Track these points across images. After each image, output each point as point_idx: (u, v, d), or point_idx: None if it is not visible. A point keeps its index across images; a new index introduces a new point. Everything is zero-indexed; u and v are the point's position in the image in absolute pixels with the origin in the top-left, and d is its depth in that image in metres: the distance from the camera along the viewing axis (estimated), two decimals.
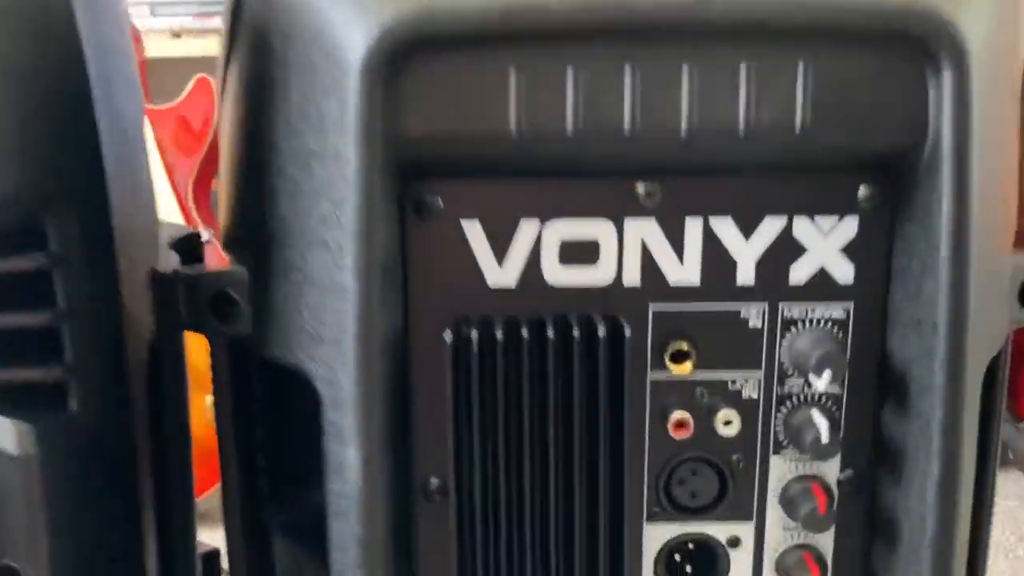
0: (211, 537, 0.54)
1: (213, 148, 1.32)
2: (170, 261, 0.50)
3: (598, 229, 0.38)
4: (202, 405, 0.53)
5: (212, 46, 1.52)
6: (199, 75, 1.39)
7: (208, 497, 0.91)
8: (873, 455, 0.41)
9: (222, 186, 0.49)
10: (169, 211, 1.44)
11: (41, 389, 0.40)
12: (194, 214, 1.38)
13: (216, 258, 0.47)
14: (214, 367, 0.48)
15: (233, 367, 0.47)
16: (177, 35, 1.52)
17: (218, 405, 0.48)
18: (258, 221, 0.41)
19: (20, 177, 0.38)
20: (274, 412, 0.46)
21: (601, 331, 0.38)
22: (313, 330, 0.38)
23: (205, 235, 0.51)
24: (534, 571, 0.41)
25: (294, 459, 0.49)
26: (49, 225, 0.40)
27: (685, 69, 0.35)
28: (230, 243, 0.46)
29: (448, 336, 0.37)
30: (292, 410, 0.45)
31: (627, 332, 0.39)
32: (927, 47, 0.35)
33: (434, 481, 0.41)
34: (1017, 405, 1.39)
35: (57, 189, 0.40)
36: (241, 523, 0.49)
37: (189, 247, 0.54)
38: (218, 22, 1.38)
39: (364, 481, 0.37)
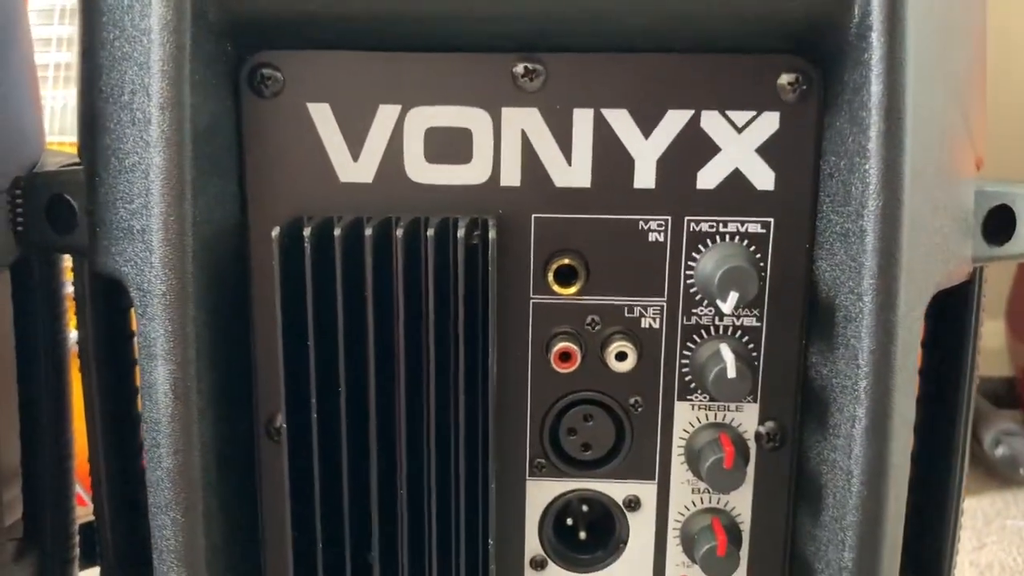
0: None
1: None
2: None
3: (470, 118, 0.32)
4: None
5: None
6: None
7: None
8: (798, 403, 0.34)
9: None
10: None
11: None
12: None
13: None
14: (76, 288, 0.42)
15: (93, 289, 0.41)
16: None
17: (81, 339, 0.42)
18: (84, 106, 0.35)
19: None
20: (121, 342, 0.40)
21: (470, 239, 0.32)
22: (126, 224, 0.32)
23: None
24: (389, 533, 0.34)
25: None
26: None
27: None
28: (79, 149, 0.41)
29: (275, 233, 0.31)
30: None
31: (494, 239, 0.32)
32: None
33: (280, 418, 0.34)
34: None
35: None
36: (108, 485, 0.43)
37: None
38: None
39: (174, 403, 0.31)
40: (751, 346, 0.33)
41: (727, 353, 0.32)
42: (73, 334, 0.43)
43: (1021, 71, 1.45)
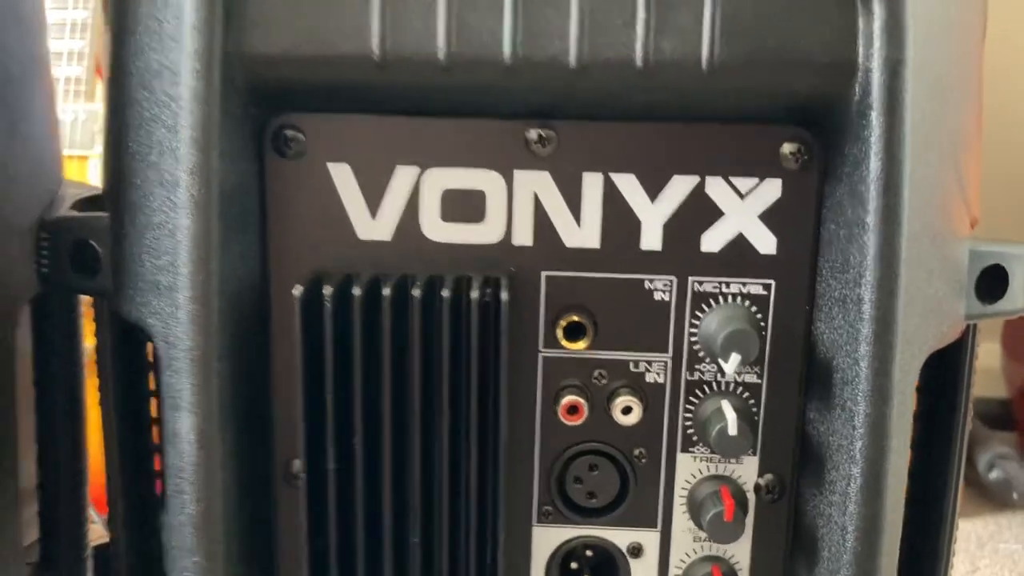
0: None
1: None
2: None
3: (484, 180, 0.34)
4: None
5: None
6: None
7: None
8: (796, 458, 0.35)
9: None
10: None
11: None
12: None
13: None
14: (97, 330, 0.43)
15: (113, 330, 0.42)
16: None
17: (99, 372, 0.44)
18: (111, 159, 0.36)
19: None
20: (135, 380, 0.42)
21: (484, 297, 0.33)
22: (153, 278, 0.33)
23: None
24: (396, 573, 0.36)
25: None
26: None
27: None
28: (104, 196, 0.42)
29: (297, 292, 0.33)
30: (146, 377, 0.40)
31: (504, 297, 0.33)
32: None
33: (297, 464, 0.36)
34: None
35: None
36: (124, 507, 0.44)
37: (94, 208, 0.50)
38: None
39: (198, 453, 0.32)
40: (751, 402, 0.35)
41: (729, 411, 0.33)
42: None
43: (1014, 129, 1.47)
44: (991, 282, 0.37)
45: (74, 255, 0.38)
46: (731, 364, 0.33)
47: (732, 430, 0.33)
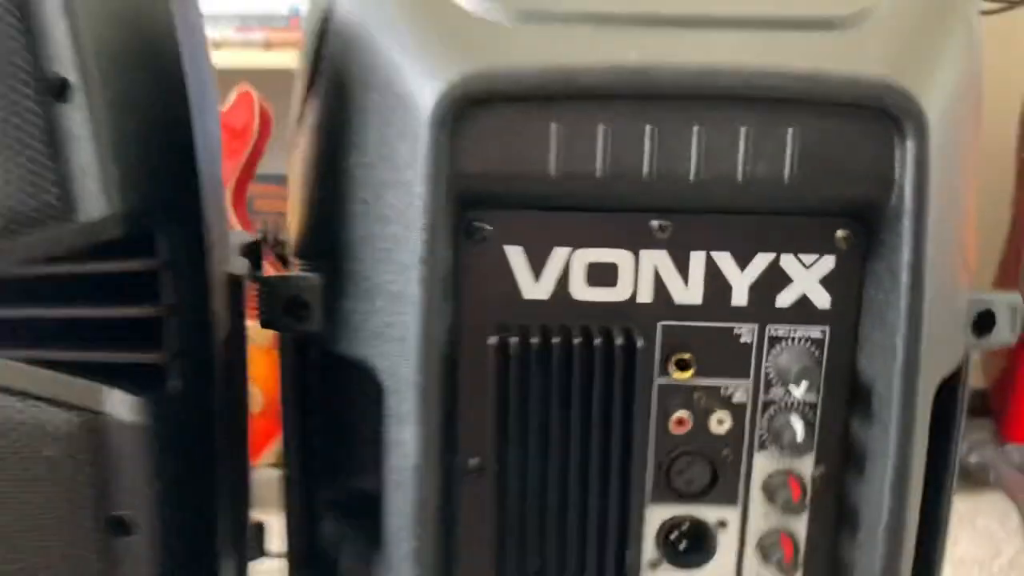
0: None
1: (252, 156, 1.40)
2: (240, 265, 0.58)
3: (618, 256, 0.46)
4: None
5: (252, 58, 1.60)
6: (241, 86, 1.47)
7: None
8: (842, 455, 0.48)
9: (294, 203, 0.57)
10: None
11: (147, 370, 0.48)
12: (231, 215, 1.46)
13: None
14: (282, 361, 0.56)
15: (297, 362, 0.55)
16: (218, 46, 1.60)
17: (284, 395, 0.56)
18: (332, 236, 0.48)
19: (138, 198, 0.46)
20: (333, 400, 0.54)
21: (618, 341, 0.46)
22: (380, 330, 0.46)
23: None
24: (557, 542, 0.48)
25: (348, 443, 0.56)
26: (158, 235, 0.47)
27: (695, 128, 0.43)
28: (303, 253, 0.54)
29: (493, 340, 0.45)
30: (351, 397, 0.53)
31: (639, 343, 0.46)
32: (894, 116, 0.43)
33: (473, 461, 0.48)
34: (1002, 430, 1.46)
35: (165, 207, 0.48)
36: (299, 500, 0.57)
37: (254, 253, 0.62)
38: (259, 35, 1.47)
39: (420, 456, 0.45)
40: (811, 416, 0.48)
41: (797, 423, 0.46)
42: None
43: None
44: (983, 322, 0.50)
45: (287, 306, 0.51)
46: (801, 389, 0.46)
47: (800, 438, 0.46)
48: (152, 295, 0.48)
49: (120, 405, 0.46)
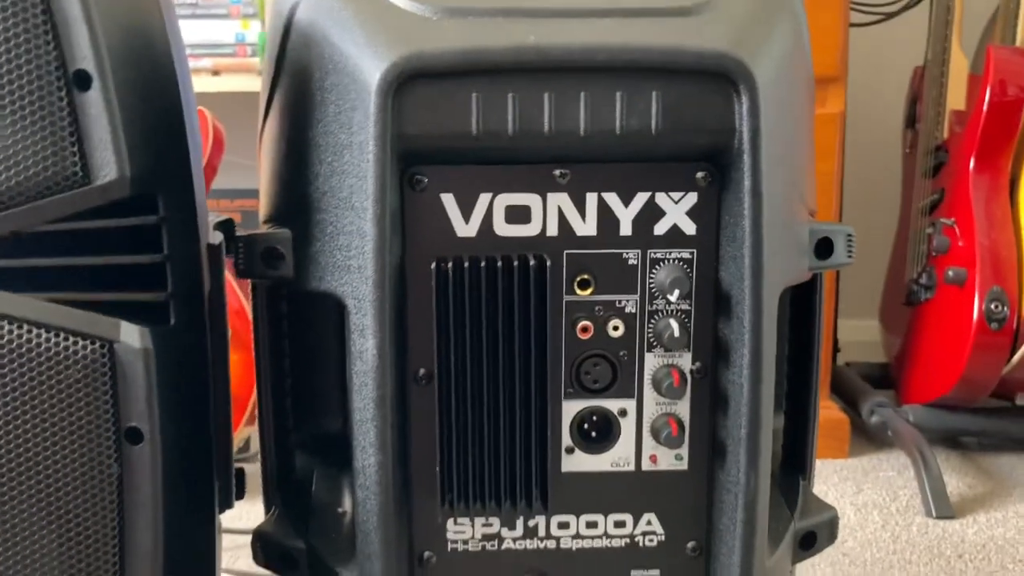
0: None
1: (207, 173, 1.50)
2: (216, 237, 0.69)
3: (530, 200, 0.59)
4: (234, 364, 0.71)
5: (201, 83, 1.71)
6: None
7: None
8: (714, 351, 0.61)
9: (264, 180, 0.68)
10: None
11: (153, 307, 0.59)
12: None
13: None
14: (255, 308, 0.67)
15: (270, 310, 0.66)
16: None
17: (257, 341, 0.67)
18: (299, 195, 0.60)
19: (145, 163, 0.57)
20: (302, 343, 0.65)
21: (533, 266, 0.58)
22: (343, 264, 0.57)
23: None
24: (490, 435, 0.60)
25: (316, 386, 0.67)
26: (159, 196, 0.59)
27: (582, 94, 0.56)
28: (270, 218, 0.66)
29: (433, 269, 0.57)
30: (318, 335, 0.64)
31: (549, 268, 0.59)
32: (732, 81, 0.56)
33: (422, 371, 0.60)
34: (899, 393, 1.62)
35: (165, 170, 0.59)
36: (273, 436, 0.68)
37: (228, 228, 0.73)
38: (207, 62, 1.60)
39: (378, 360, 0.57)
40: (686, 320, 0.60)
41: (675, 325, 0.59)
42: None
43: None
44: (823, 248, 0.64)
45: (263, 256, 0.62)
46: (674, 296, 0.58)
47: (676, 334, 0.59)
48: (151, 247, 0.59)
49: (132, 334, 0.57)
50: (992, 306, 1.36)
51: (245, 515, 1.12)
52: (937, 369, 1.48)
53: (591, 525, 0.63)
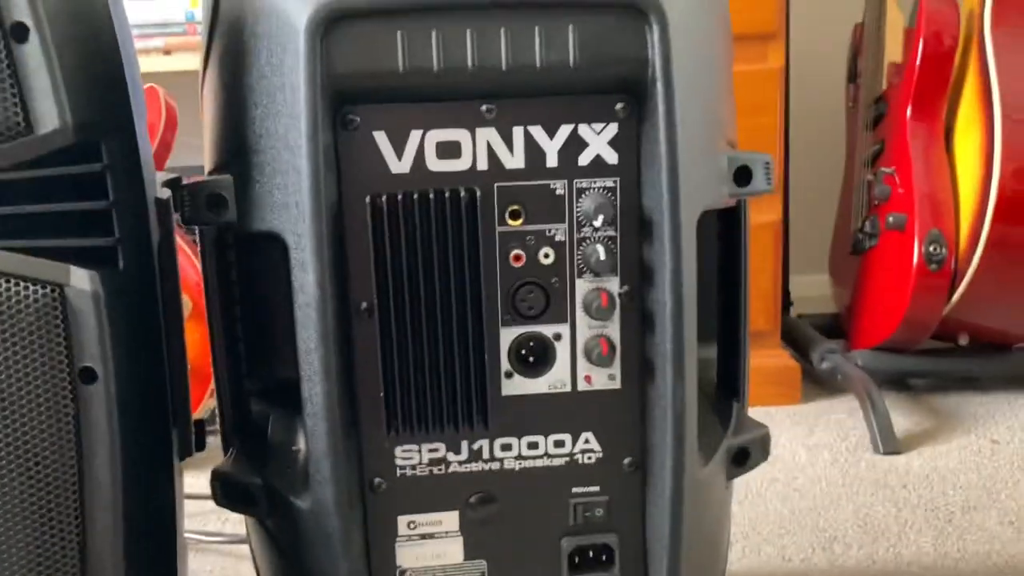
0: None
1: (160, 150, 1.51)
2: (164, 193, 0.71)
3: (459, 135, 0.62)
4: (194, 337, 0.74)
5: (152, 63, 1.72)
6: (146, 86, 1.59)
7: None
8: (640, 275, 0.64)
9: (207, 133, 0.70)
10: None
11: (102, 252, 0.61)
12: None
13: None
14: (203, 257, 0.69)
15: (217, 255, 0.68)
16: None
17: (207, 288, 0.70)
18: (238, 140, 0.63)
19: (86, 112, 0.60)
20: (250, 287, 0.68)
21: (465, 199, 0.61)
22: (282, 202, 0.60)
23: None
24: (432, 363, 0.63)
25: (266, 334, 0.70)
26: (103, 143, 0.61)
27: (502, 30, 0.59)
28: (214, 168, 0.68)
29: (368, 204, 0.60)
30: (264, 277, 0.67)
31: (481, 200, 0.62)
32: (644, 13, 0.59)
33: (364, 304, 0.63)
34: (848, 340, 1.67)
35: (107, 120, 0.62)
36: (227, 383, 0.70)
37: (175, 184, 0.75)
38: (158, 41, 1.62)
39: (319, 291, 0.60)
40: (612, 245, 0.64)
41: (601, 250, 0.62)
42: None
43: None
44: (742, 175, 0.67)
45: (207, 202, 0.64)
46: (599, 222, 0.62)
47: (603, 257, 0.62)
48: (97, 195, 0.61)
49: (81, 279, 0.60)
50: (931, 248, 1.41)
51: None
52: (882, 313, 1.53)
53: (532, 446, 0.66)
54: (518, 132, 0.62)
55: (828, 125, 1.96)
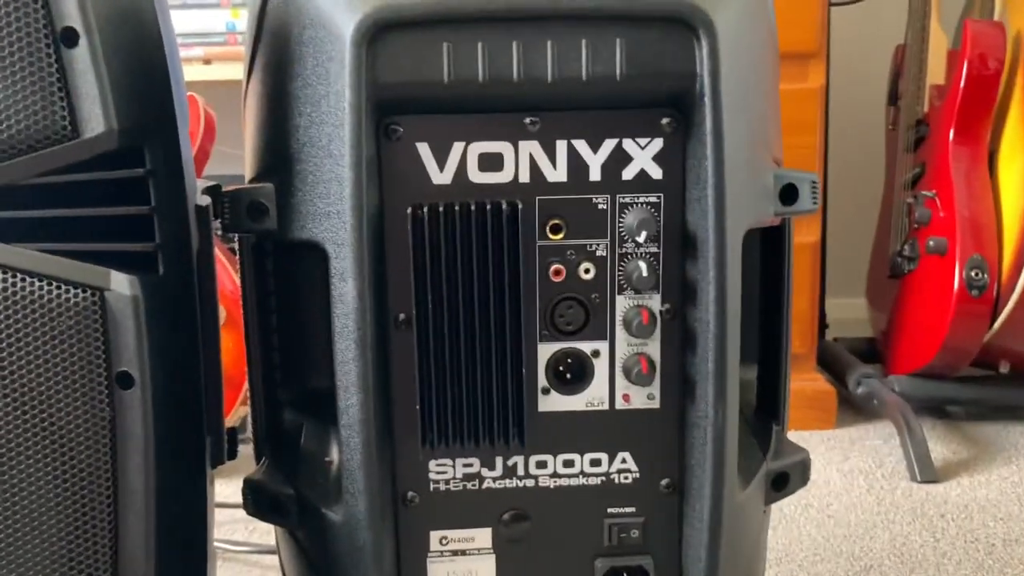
0: None
1: (199, 157, 1.52)
2: (204, 200, 0.71)
3: (502, 147, 0.61)
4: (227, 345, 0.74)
5: (192, 72, 1.73)
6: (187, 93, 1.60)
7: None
8: (682, 293, 0.63)
9: (249, 141, 0.70)
10: None
11: (142, 257, 0.61)
12: None
13: None
14: (241, 265, 0.69)
15: (255, 264, 0.68)
16: None
17: (244, 297, 0.70)
18: (281, 148, 0.63)
19: (131, 118, 0.60)
20: (287, 296, 0.68)
21: (506, 212, 0.61)
22: (323, 211, 0.60)
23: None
24: (469, 377, 0.62)
25: (302, 343, 0.69)
26: (146, 149, 0.61)
27: (548, 42, 0.58)
28: (254, 176, 0.68)
29: (409, 214, 0.60)
30: (302, 286, 0.66)
31: (522, 213, 0.61)
32: (693, 27, 0.58)
33: (401, 315, 0.62)
34: (885, 365, 1.64)
35: (151, 125, 0.62)
36: (261, 391, 0.70)
37: (215, 192, 0.75)
38: (198, 51, 1.64)
39: (358, 302, 0.59)
40: (654, 262, 0.63)
41: (643, 267, 0.61)
42: None
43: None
44: (788, 193, 0.66)
45: (248, 210, 0.64)
46: (642, 238, 0.61)
47: (645, 274, 0.61)
48: (139, 199, 0.61)
49: (121, 283, 0.60)
50: (972, 273, 1.39)
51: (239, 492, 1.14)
52: (921, 338, 1.51)
53: (568, 464, 0.65)
54: (561, 145, 0.61)
55: (866, 146, 1.94)
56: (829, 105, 1.67)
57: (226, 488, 1.13)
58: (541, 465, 0.65)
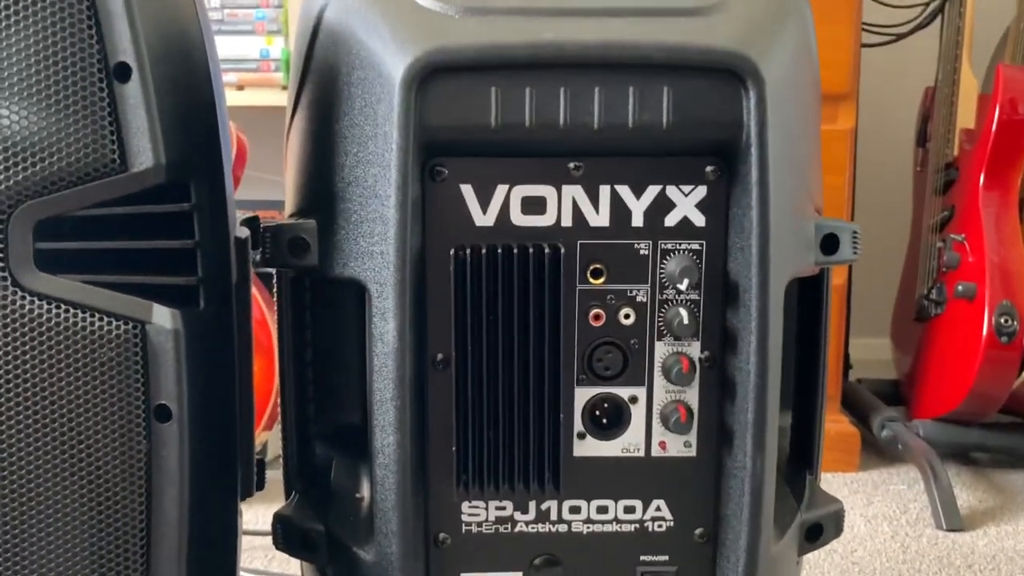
0: None
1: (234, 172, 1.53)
2: (243, 232, 0.71)
3: (545, 191, 0.61)
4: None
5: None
6: None
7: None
8: (722, 341, 0.63)
9: (290, 176, 0.71)
10: None
11: (184, 291, 0.62)
12: None
13: None
14: (279, 299, 0.69)
15: (293, 298, 0.68)
16: None
17: (281, 331, 0.70)
18: (325, 185, 0.63)
19: (179, 152, 0.60)
20: (323, 333, 0.68)
21: (548, 255, 0.61)
22: (366, 250, 0.60)
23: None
24: (505, 419, 0.62)
25: (336, 378, 0.69)
26: (192, 183, 0.62)
27: (596, 89, 0.58)
28: (296, 211, 0.68)
29: (451, 256, 0.60)
30: (339, 323, 0.66)
31: (563, 257, 0.61)
32: (740, 77, 0.58)
33: (440, 355, 0.62)
34: (909, 409, 1.63)
35: (197, 160, 0.62)
36: (294, 425, 0.70)
37: (254, 224, 0.76)
38: (232, 77, 1.65)
39: (398, 342, 0.59)
40: (695, 309, 0.63)
41: (684, 314, 0.61)
42: None
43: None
44: (829, 243, 0.66)
45: (289, 246, 0.65)
46: (683, 285, 0.61)
47: (686, 322, 0.61)
48: (183, 233, 0.62)
49: (163, 316, 0.60)
50: (1002, 320, 1.38)
51: (260, 518, 1.14)
52: (947, 383, 1.49)
53: (602, 510, 0.65)
54: (604, 191, 0.61)
55: (893, 185, 1.93)
56: (857, 145, 1.66)
57: (244, 515, 1.13)
58: (575, 510, 0.65)
